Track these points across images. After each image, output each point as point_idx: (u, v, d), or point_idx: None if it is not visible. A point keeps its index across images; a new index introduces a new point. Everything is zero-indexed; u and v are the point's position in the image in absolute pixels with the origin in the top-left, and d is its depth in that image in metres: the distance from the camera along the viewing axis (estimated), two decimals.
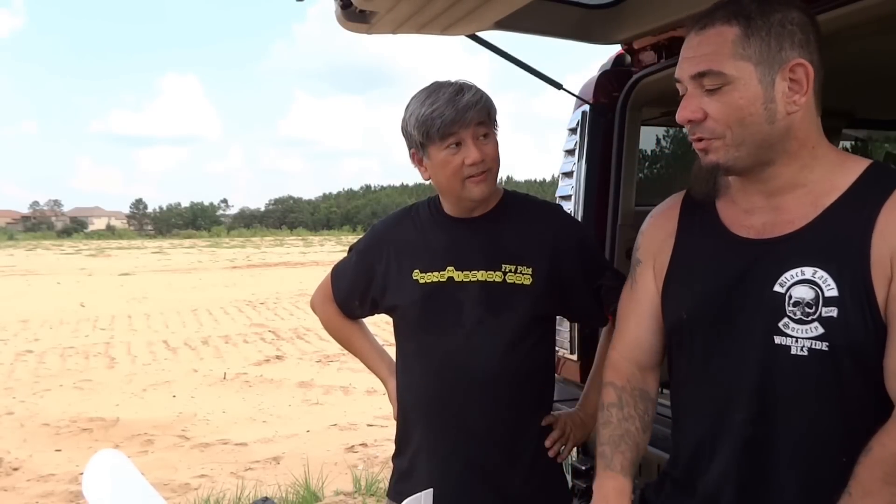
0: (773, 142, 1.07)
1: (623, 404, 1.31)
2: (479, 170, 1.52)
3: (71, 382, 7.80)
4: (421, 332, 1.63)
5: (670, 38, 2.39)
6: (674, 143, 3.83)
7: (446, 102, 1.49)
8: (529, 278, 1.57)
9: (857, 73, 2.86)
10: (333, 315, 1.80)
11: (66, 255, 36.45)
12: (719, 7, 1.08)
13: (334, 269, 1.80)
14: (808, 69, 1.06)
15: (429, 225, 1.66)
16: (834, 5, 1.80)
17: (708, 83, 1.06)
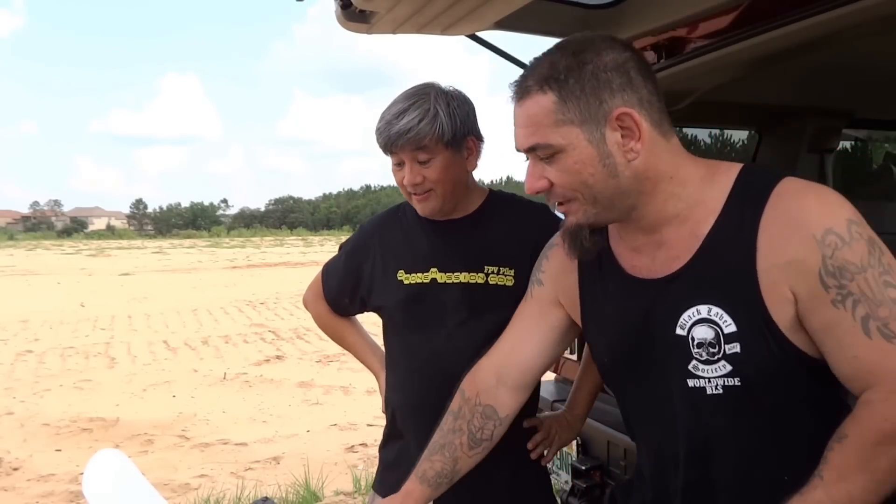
0: (624, 191, 1.04)
1: (459, 416, 1.31)
2: (419, 190, 1.55)
3: (71, 382, 7.79)
4: (406, 332, 1.66)
5: (670, 38, 2.39)
6: None
7: (385, 124, 1.52)
8: (512, 280, 1.58)
9: (857, 73, 2.86)
10: (325, 312, 1.83)
11: (66, 255, 36.45)
12: (532, 72, 1.04)
13: (325, 267, 1.83)
14: (633, 115, 1.01)
15: (414, 226, 1.66)
16: (834, 5, 1.80)
17: (541, 154, 1.04)
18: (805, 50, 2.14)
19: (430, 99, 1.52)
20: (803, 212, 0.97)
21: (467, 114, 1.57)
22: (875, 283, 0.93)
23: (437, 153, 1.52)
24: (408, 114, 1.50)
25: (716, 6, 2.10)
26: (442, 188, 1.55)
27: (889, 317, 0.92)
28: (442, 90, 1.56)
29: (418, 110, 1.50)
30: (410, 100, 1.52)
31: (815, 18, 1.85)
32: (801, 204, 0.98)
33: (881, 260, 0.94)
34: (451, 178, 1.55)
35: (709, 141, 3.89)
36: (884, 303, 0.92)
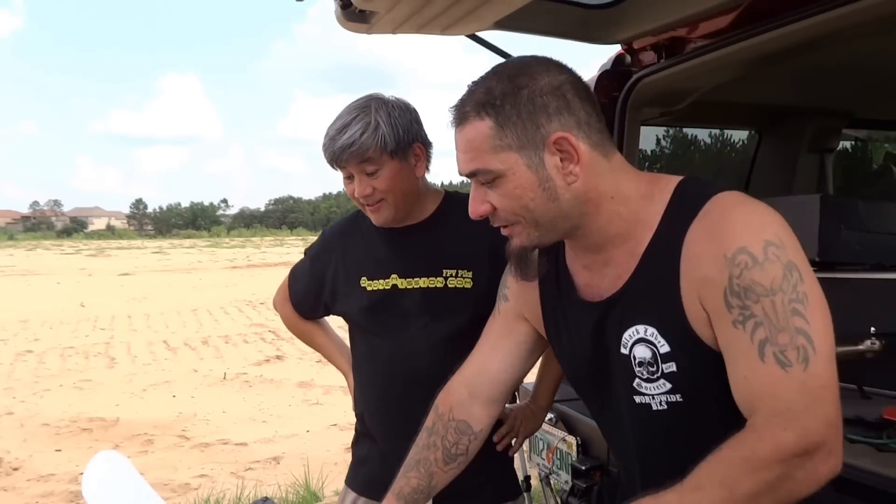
0: (565, 214, 1.05)
1: (433, 431, 1.31)
2: (370, 201, 1.58)
3: (71, 382, 7.79)
4: (370, 336, 1.70)
5: (670, 38, 2.39)
6: (674, 143, 3.83)
7: (329, 139, 1.55)
8: (470, 282, 1.62)
9: (857, 73, 2.86)
10: (292, 315, 1.88)
11: (65, 255, 36.46)
12: (469, 98, 1.04)
13: (291, 271, 1.87)
14: (570, 139, 1.01)
15: (372, 233, 1.69)
16: (834, 5, 1.80)
17: (482, 179, 1.05)
18: (805, 50, 2.14)
19: (371, 111, 1.54)
20: (722, 228, 0.95)
21: (410, 122, 1.58)
22: (782, 308, 0.90)
23: (382, 164, 1.54)
24: (350, 128, 1.52)
25: (716, 6, 2.10)
26: (393, 197, 1.57)
27: (788, 344, 0.89)
28: (383, 101, 1.58)
29: (360, 123, 1.52)
30: (352, 114, 1.55)
31: (815, 18, 1.86)
32: (723, 220, 0.96)
33: (796, 287, 0.90)
34: (401, 186, 1.57)
35: (709, 141, 3.89)
36: (786, 329, 0.89)
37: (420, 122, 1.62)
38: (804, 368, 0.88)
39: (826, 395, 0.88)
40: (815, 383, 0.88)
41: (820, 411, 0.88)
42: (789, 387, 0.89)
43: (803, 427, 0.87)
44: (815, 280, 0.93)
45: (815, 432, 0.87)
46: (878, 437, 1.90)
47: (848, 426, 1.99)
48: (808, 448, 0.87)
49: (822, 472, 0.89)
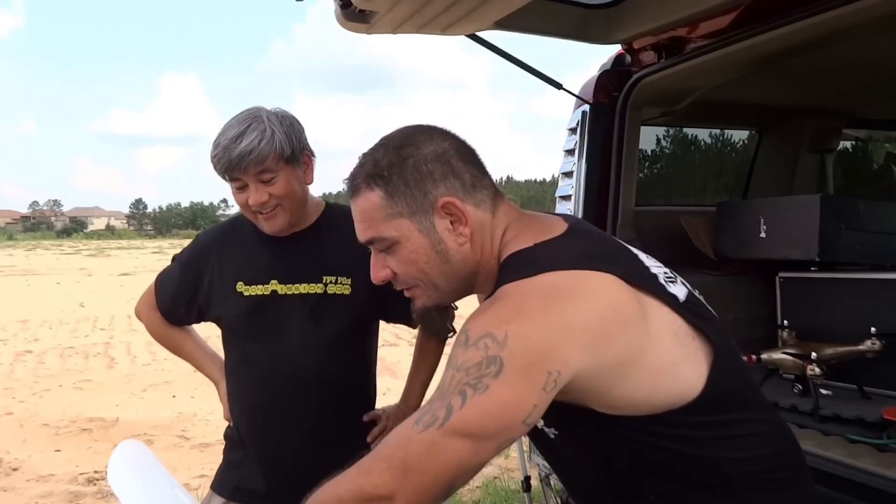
0: (458, 274, 1.10)
1: None
2: (266, 209, 1.60)
3: (71, 382, 7.79)
4: (247, 342, 1.70)
5: (670, 38, 2.39)
6: (674, 143, 3.83)
7: (224, 149, 1.55)
8: (349, 288, 1.68)
9: (857, 73, 2.86)
10: (158, 323, 1.84)
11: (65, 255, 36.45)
12: (360, 170, 1.10)
13: (159, 277, 1.84)
14: (456, 203, 1.06)
15: (253, 239, 1.70)
16: (834, 5, 1.80)
17: (378, 246, 1.10)
18: (805, 50, 2.14)
19: (264, 120, 1.57)
20: (478, 313, 0.98)
21: (300, 131, 1.64)
22: (455, 384, 0.90)
23: (279, 170, 1.58)
24: (246, 136, 1.54)
25: (716, 6, 2.10)
26: (289, 203, 1.61)
27: (433, 409, 0.90)
28: (272, 111, 1.62)
29: (256, 132, 1.54)
30: (244, 123, 1.56)
31: (815, 18, 1.86)
32: (487, 306, 0.98)
33: (482, 378, 0.89)
34: (295, 192, 1.62)
35: (709, 141, 3.89)
36: (443, 399, 0.90)
37: (304, 132, 1.67)
38: (420, 431, 0.89)
39: (420, 460, 0.88)
40: (416, 446, 0.88)
41: (398, 469, 0.88)
42: (399, 439, 0.91)
43: (375, 475, 0.88)
44: (519, 389, 0.89)
45: (379, 485, 0.88)
46: (878, 437, 1.90)
47: (848, 426, 2.01)
48: (367, 496, 0.88)
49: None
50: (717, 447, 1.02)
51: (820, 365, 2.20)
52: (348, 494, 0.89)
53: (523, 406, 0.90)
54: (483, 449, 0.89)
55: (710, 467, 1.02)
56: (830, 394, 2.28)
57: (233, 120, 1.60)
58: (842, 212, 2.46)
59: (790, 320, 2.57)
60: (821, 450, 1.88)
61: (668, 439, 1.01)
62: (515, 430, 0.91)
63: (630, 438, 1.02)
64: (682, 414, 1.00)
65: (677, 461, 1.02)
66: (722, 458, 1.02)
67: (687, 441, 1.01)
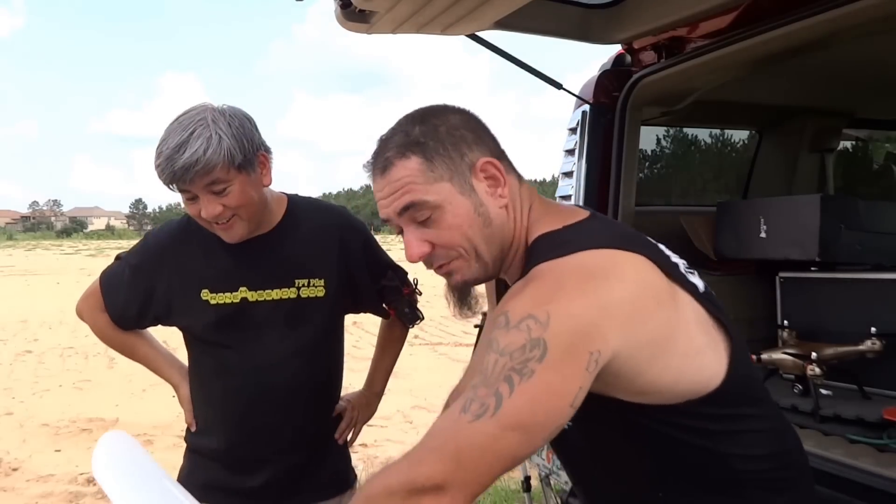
0: (496, 240, 1.09)
1: None
2: (221, 220, 1.47)
3: (70, 382, 7.78)
4: (219, 351, 1.61)
5: (670, 37, 2.39)
6: (674, 143, 3.83)
7: (166, 159, 1.39)
8: (322, 290, 1.61)
9: (858, 73, 2.86)
10: (106, 325, 1.69)
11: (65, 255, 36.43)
12: (386, 146, 1.08)
13: (104, 279, 1.68)
14: (495, 162, 1.07)
15: (215, 245, 1.56)
16: (834, 5, 1.80)
17: (418, 216, 1.06)
18: (805, 50, 2.14)
19: (209, 124, 1.41)
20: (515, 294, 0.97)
21: (251, 130, 1.49)
22: (499, 369, 0.89)
23: (231, 179, 1.43)
24: (190, 145, 1.38)
25: (716, 6, 2.09)
26: (246, 212, 1.48)
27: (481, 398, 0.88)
28: (218, 111, 1.46)
29: (201, 139, 1.39)
30: (188, 129, 1.40)
31: (815, 18, 1.85)
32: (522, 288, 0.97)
33: (527, 363, 0.88)
34: (252, 200, 1.48)
35: (709, 141, 3.89)
36: (489, 387, 0.89)
37: (257, 128, 1.52)
38: (470, 421, 0.87)
39: (472, 452, 0.86)
40: (467, 437, 0.87)
41: (451, 460, 0.86)
42: (448, 428, 0.89)
43: (427, 466, 0.87)
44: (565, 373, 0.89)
45: (432, 476, 0.85)
46: (878, 438, 1.90)
47: (848, 426, 2.01)
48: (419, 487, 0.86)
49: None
50: (729, 442, 1.03)
51: (820, 365, 2.20)
52: (399, 486, 0.86)
53: (570, 389, 0.89)
54: (536, 438, 0.89)
55: (720, 463, 1.03)
56: (830, 394, 2.28)
57: (175, 123, 1.43)
58: (842, 212, 2.46)
59: (790, 320, 2.57)
60: (821, 450, 1.88)
61: (684, 431, 1.01)
62: (564, 414, 0.89)
63: (647, 428, 1.02)
64: (701, 405, 1.00)
65: (690, 455, 1.02)
66: (733, 454, 1.02)
67: (702, 434, 1.02)
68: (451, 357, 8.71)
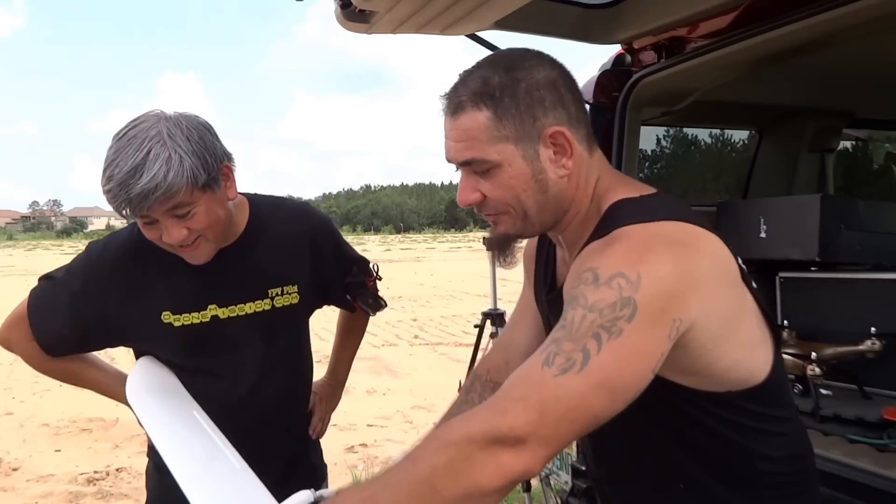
0: (551, 206, 1.07)
1: (471, 389, 1.36)
2: (185, 243, 1.32)
3: None
4: (188, 375, 1.48)
5: (670, 37, 2.39)
6: (674, 143, 3.83)
7: (119, 185, 1.22)
8: (297, 296, 1.53)
9: (858, 73, 2.86)
10: (39, 355, 1.50)
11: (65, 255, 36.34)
12: (464, 86, 1.04)
13: (33, 305, 1.47)
14: (566, 133, 1.03)
15: (175, 260, 1.39)
16: (834, 5, 1.80)
17: (476, 168, 1.05)
18: (805, 50, 2.14)
19: (166, 140, 1.24)
20: (598, 251, 0.96)
21: (212, 144, 1.32)
22: (587, 325, 0.87)
23: (195, 201, 1.28)
24: (147, 168, 1.21)
25: (716, 6, 2.10)
26: (212, 233, 1.35)
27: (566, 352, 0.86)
28: (173, 122, 1.28)
29: (159, 161, 1.22)
30: (143, 148, 1.23)
31: (815, 18, 1.85)
32: (606, 246, 0.96)
33: (616, 321, 0.87)
34: (219, 219, 1.34)
35: (709, 141, 3.89)
36: (576, 342, 0.87)
37: (216, 134, 1.36)
38: (556, 375, 0.85)
39: (558, 406, 0.84)
40: (553, 391, 0.84)
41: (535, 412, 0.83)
42: (531, 380, 0.86)
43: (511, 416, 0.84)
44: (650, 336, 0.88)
45: (515, 427, 0.83)
46: (878, 438, 1.90)
47: (848, 426, 2.01)
48: (500, 437, 0.83)
49: (505, 464, 0.83)
50: (758, 440, 1.03)
51: (820, 365, 2.20)
52: (480, 434, 0.83)
53: (654, 353, 0.88)
54: (618, 399, 0.87)
55: (745, 460, 1.03)
56: (830, 394, 2.28)
57: (123, 140, 1.25)
58: (842, 212, 2.46)
59: (790, 320, 2.57)
60: (821, 450, 1.88)
61: (720, 422, 1.01)
62: (646, 379, 0.88)
63: (685, 414, 1.02)
64: (741, 398, 1.01)
65: (719, 448, 1.03)
66: (758, 452, 1.03)
67: (736, 428, 1.02)
68: (451, 357, 8.70)
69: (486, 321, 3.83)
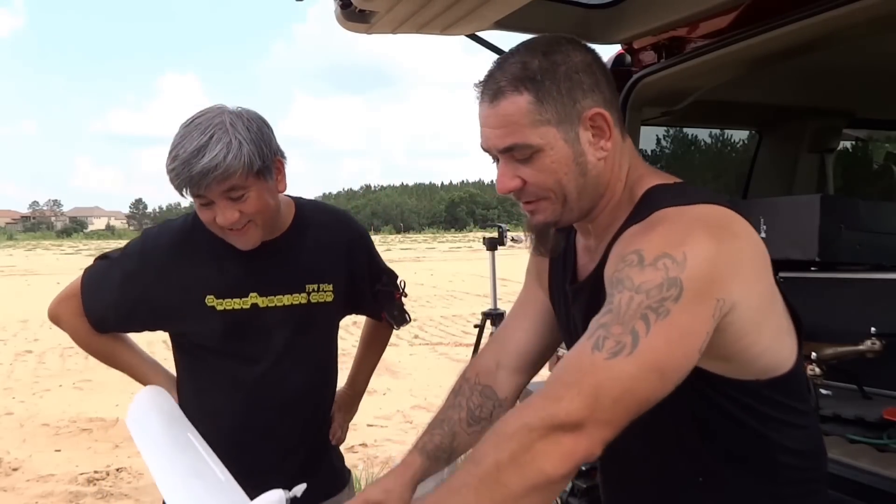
0: (589, 190, 1.07)
1: (458, 393, 1.33)
2: (236, 226, 1.43)
3: (71, 382, 7.79)
4: (223, 359, 1.57)
5: (670, 37, 2.39)
6: (674, 143, 3.83)
7: (183, 164, 1.35)
8: (331, 295, 1.61)
9: (858, 73, 2.86)
10: (87, 332, 1.60)
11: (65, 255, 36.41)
12: (503, 72, 1.04)
13: (88, 281, 1.58)
14: (605, 115, 1.04)
15: (223, 250, 1.51)
16: (834, 5, 1.80)
17: (517, 154, 1.05)
18: (805, 50, 2.14)
19: (228, 128, 1.38)
20: (640, 233, 0.95)
21: (269, 136, 1.46)
22: (635, 307, 0.87)
23: (249, 185, 1.40)
24: (209, 149, 1.34)
25: (716, 6, 2.10)
26: (262, 218, 1.46)
27: (615, 335, 0.86)
28: (235, 114, 1.43)
29: (220, 145, 1.35)
30: (207, 133, 1.36)
31: (815, 18, 1.85)
32: (647, 229, 0.95)
33: (664, 301, 0.86)
34: (268, 206, 1.46)
35: (709, 141, 3.89)
36: (624, 325, 0.86)
37: (273, 131, 1.50)
38: (607, 358, 0.84)
39: (612, 389, 0.84)
40: (606, 374, 0.84)
41: (590, 396, 0.83)
42: (582, 365, 0.86)
43: (567, 402, 0.83)
44: (696, 316, 0.88)
45: (572, 412, 0.83)
46: (878, 438, 1.90)
47: (848, 426, 2.01)
48: (558, 423, 0.83)
49: (567, 448, 0.83)
50: (778, 432, 1.03)
51: (820, 365, 2.20)
52: (539, 423, 0.83)
53: (700, 333, 0.88)
54: (669, 381, 0.87)
55: (766, 452, 1.03)
56: (830, 394, 2.28)
57: (191, 126, 1.39)
58: (842, 212, 2.46)
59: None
60: None
61: (744, 410, 1.01)
62: (693, 359, 0.88)
63: (709, 401, 1.01)
64: (765, 387, 1.01)
65: (741, 438, 1.03)
66: (779, 444, 1.03)
67: (759, 418, 1.02)
68: (451, 357, 8.71)
69: (486, 321, 3.84)
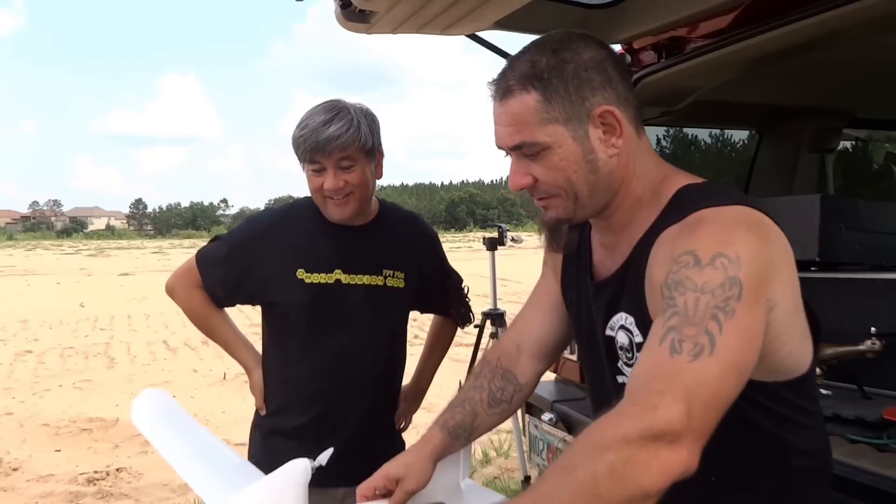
0: (602, 188, 1.07)
1: (480, 375, 1.35)
2: (340, 195, 1.65)
3: (71, 382, 7.78)
4: (307, 331, 1.73)
5: (670, 37, 2.39)
6: (674, 143, 3.83)
7: (312, 131, 1.61)
8: (403, 282, 1.79)
9: (858, 73, 2.86)
10: (200, 302, 1.82)
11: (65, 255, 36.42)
12: (513, 71, 1.05)
13: (201, 256, 1.81)
14: (615, 112, 1.04)
15: (314, 228, 1.74)
16: (834, 5, 1.80)
17: (527, 152, 1.06)
18: (805, 50, 2.14)
19: (351, 112, 1.64)
20: (685, 234, 0.95)
21: (378, 130, 1.70)
22: (703, 307, 0.87)
23: (358, 160, 1.64)
24: (334, 123, 1.61)
25: (716, 6, 2.10)
26: (360, 192, 1.67)
27: (690, 337, 0.86)
28: (356, 106, 1.68)
29: (343, 120, 1.62)
30: (332, 112, 1.63)
31: (815, 18, 1.86)
32: (692, 229, 0.95)
33: (728, 300, 0.87)
34: (368, 183, 1.68)
35: (709, 141, 3.89)
36: (697, 326, 0.86)
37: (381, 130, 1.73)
38: (690, 361, 0.84)
39: (702, 393, 0.83)
40: (694, 377, 0.84)
41: (684, 402, 0.82)
42: (667, 370, 0.85)
43: (663, 410, 0.82)
44: (756, 314, 0.89)
45: (671, 421, 0.81)
46: (878, 438, 1.90)
47: (848, 426, 2.01)
48: (658, 433, 0.81)
49: (667, 461, 0.81)
50: (793, 433, 1.03)
51: (820, 365, 2.20)
52: (637, 434, 0.81)
53: (761, 330, 0.89)
54: (744, 378, 0.87)
55: (780, 453, 1.03)
56: (830, 394, 2.28)
57: (318, 107, 1.66)
58: (842, 212, 2.46)
59: None
60: None
61: (762, 411, 1.01)
62: (757, 357, 0.89)
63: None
64: (784, 387, 1.01)
65: (757, 439, 1.02)
66: (792, 445, 1.03)
67: (776, 418, 1.02)
68: (451, 357, 8.69)
69: (486, 321, 3.83)
